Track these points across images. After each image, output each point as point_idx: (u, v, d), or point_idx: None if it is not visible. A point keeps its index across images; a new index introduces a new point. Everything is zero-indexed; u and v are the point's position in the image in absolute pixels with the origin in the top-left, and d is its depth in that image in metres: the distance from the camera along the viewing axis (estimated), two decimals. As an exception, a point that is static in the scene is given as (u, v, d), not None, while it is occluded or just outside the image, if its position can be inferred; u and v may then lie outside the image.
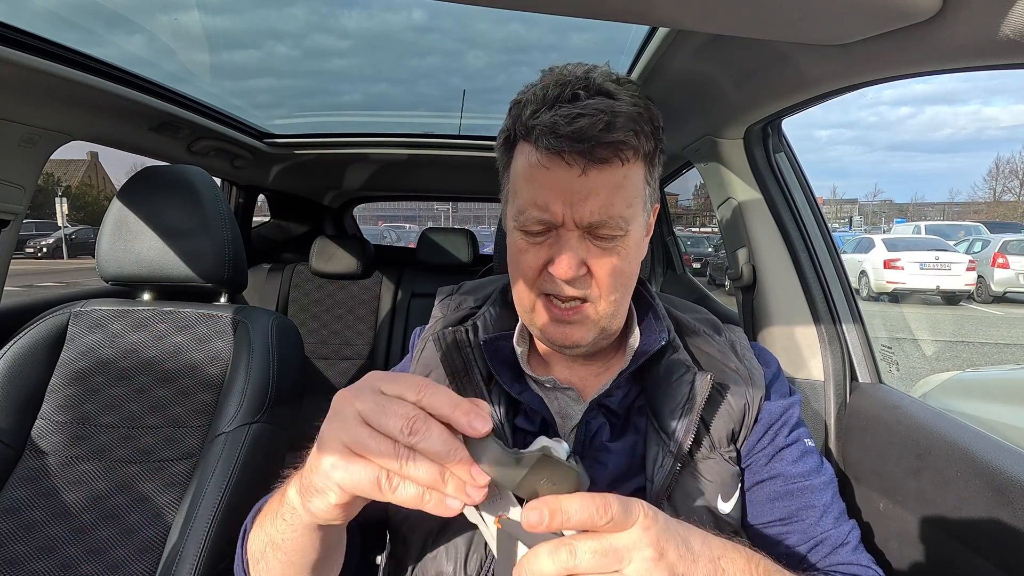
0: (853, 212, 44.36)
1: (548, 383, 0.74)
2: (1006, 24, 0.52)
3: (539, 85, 0.66)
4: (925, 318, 10.09)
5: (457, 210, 38.02)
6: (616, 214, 0.63)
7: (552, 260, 0.65)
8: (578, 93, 0.62)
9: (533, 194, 0.64)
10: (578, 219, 0.63)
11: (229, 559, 1.09)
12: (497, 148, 0.72)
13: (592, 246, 0.65)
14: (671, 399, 0.69)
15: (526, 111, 0.64)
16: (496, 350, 0.74)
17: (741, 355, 0.76)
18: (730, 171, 1.29)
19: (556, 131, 0.60)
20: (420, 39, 1.87)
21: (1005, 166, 44.26)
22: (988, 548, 0.70)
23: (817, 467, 0.73)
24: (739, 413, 0.71)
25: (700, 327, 0.79)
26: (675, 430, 0.67)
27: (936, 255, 11.50)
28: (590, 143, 0.60)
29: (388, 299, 2.67)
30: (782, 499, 0.70)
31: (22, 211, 1.23)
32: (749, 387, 0.72)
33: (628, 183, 0.64)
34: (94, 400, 1.20)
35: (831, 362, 1.10)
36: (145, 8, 1.47)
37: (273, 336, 1.25)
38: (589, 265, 0.66)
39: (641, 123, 0.63)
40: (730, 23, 0.68)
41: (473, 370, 0.72)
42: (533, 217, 0.64)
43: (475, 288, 0.86)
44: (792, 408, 0.75)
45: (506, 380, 0.72)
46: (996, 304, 11.55)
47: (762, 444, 0.72)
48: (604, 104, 0.61)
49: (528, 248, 0.67)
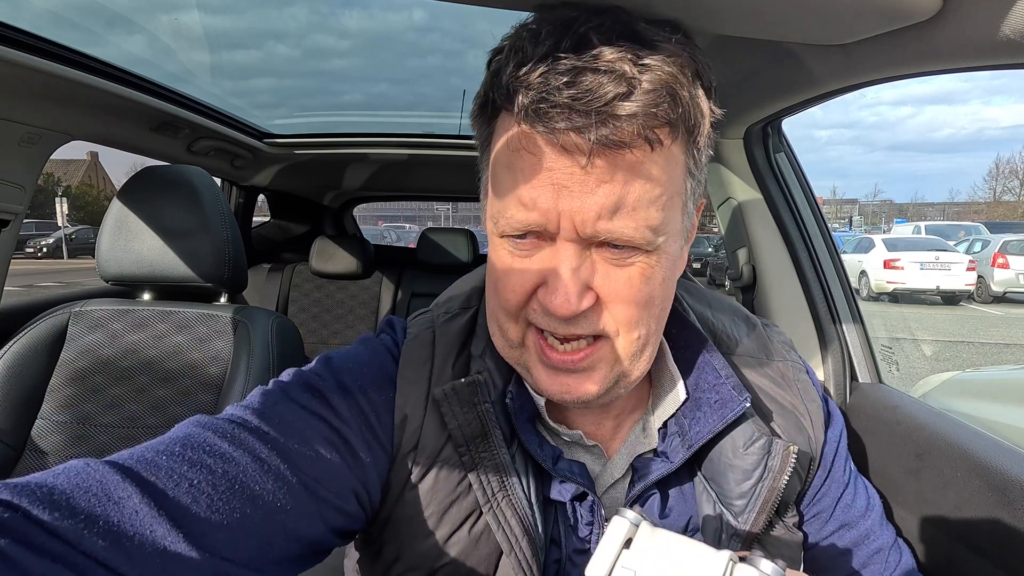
0: (853, 212, 44.40)
1: (570, 437, 0.56)
2: (1006, 24, 0.52)
3: (531, 26, 0.46)
4: (925, 318, 10.09)
5: (457, 210, 38.01)
6: (641, 222, 0.44)
7: (544, 282, 0.46)
8: (587, 36, 0.42)
9: (516, 187, 0.45)
10: (580, 224, 0.43)
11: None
12: (472, 118, 0.52)
13: (602, 263, 0.46)
14: (737, 471, 0.53)
15: (509, 64, 0.44)
16: (521, 406, 0.54)
17: (803, 391, 0.61)
18: (730, 171, 1.29)
19: (547, 97, 0.41)
20: (421, 39, 1.88)
21: (1005, 166, 44.37)
22: (988, 548, 0.70)
23: (868, 501, 0.64)
24: (804, 470, 0.58)
25: (747, 347, 0.62)
26: (745, 508, 0.53)
27: (936, 255, 11.51)
28: (599, 116, 0.40)
29: (388, 299, 2.67)
30: (851, 547, 0.62)
31: (22, 211, 1.23)
32: (811, 434, 0.59)
33: (660, 175, 0.44)
34: (94, 400, 1.20)
35: (831, 362, 1.10)
36: (145, 8, 1.47)
37: (273, 336, 1.25)
38: (598, 292, 0.46)
39: (682, 85, 0.43)
40: (730, 23, 0.68)
41: (494, 435, 0.52)
42: (516, 219, 0.45)
43: (448, 300, 0.65)
44: (841, 439, 0.63)
45: (534, 446, 0.53)
46: (996, 304, 11.56)
47: (821, 493, 0.61)
48: (625, 55, 0.41)
49: (513, 262, 0.47)
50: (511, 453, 0.53)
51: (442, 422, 0.53)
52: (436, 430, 0.53)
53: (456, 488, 0.53)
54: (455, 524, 0.52)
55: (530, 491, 0.53)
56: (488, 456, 0.52)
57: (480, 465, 0.52)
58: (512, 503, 0.51)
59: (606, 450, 0.58)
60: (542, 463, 0.53)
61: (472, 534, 0.52)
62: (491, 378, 0.55)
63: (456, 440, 0.53)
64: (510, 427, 0.54)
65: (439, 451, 0.53)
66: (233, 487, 0.42)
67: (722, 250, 2.24)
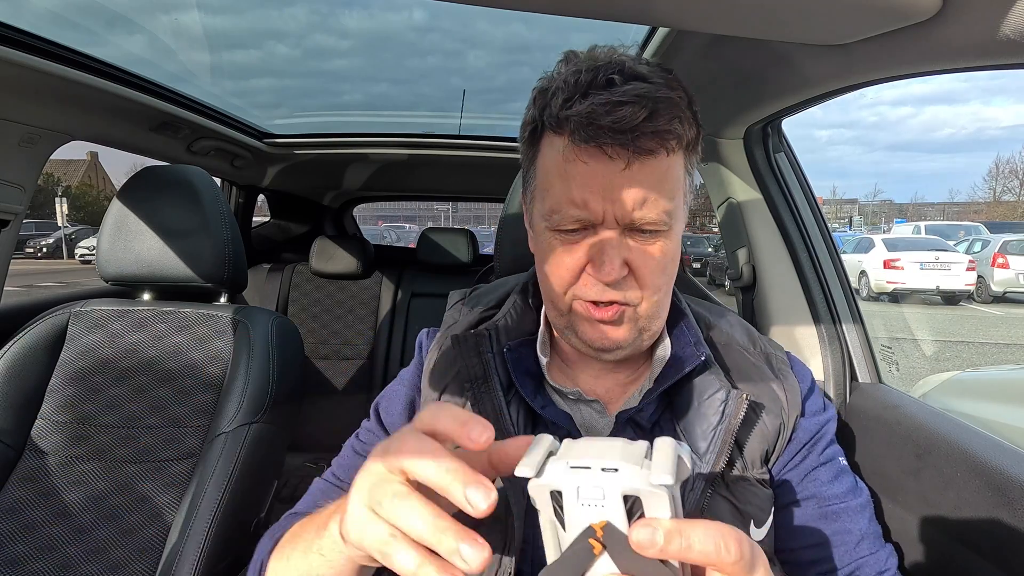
0: (853, 212, 44.37)
1: (573, 395, 0.69)
2: (1006, 24, 0.52)
3: (566, 71, 0.60)
4: (925, 318, 10.09)
5: (457, 210, 38.05)
6: (661, 209, 0.59)
7: (592, 261, 0.61)
8: (612, 78, 0.57)
9: (569, 191, 0.59)
10: (620, 216, 0.59)
11: (229, 559, 1.10)
12: (520, 142, 0.67)
13: (633, 244, 0.61)
14: (702, 418, 0.65)
15: (556, 100, 0.59)
16: (518, 359, 0.70)
17: (777, 369, 0.72)
18: (730, 171, 1.29)
19: (595, 121, 0.55)
20: (421, 39, 1.88)
21: (1005, 166, 44.33)
22: (988, 548, 0.70)
23: (853, 488, 0.70)
24: (773, 433, 0.67)
25: (733, 336, 0.75)
26: (706, 452, 0.63)
27: (936, 255, 11.51)
28: (633, 133, 0.55)
29: (388, 299, 2.67)
30: (817, 522, 0.67)
31: (22, 211, 1.23)
32: (785, 406, 0.68)
33: (671, 174, 0.60)
34: (94, 400, 1.20)
35: (831, 362, 1.10)
36: (145, 8, 1.47)
37: (273, 336, 1.25)
38: (631, 265, 0.61)
39: (682, 108, 0.59)
40: (730, 23, 0.68)
41: (493, 379, 0.67)
42: (570, 216, 0.60)
43: (489, 291, 0.82)
44: (827, 425, 0.71)
45: (528, 392, 0.67)
46: (996, 304, 11.56)
47: (794, 463, 0.69)
48: (643, 90, 0.56)
49: (563, 249, 0.62)
50: (507, 399, 0.67)
51: (453, 362, 0.69)
52: (446, 367, 0.70)
53: None
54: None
55: (519, 431, 0.66)
56: (487, 398, 0.66)
57: (479, 403, 0.66)
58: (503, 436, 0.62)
59: (607, 408, 0.69)
60: (531, 403, 0.66)
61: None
62: (497, 336, 0.70)
63: (462, 376, 0.68)
64: (508, 378, 0.68)
65: (446, 385, 0.69)
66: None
67: (722, 250, 2.24)
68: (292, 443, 1.34)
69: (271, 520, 1.35)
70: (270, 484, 1.28)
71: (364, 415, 0.79)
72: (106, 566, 1.07)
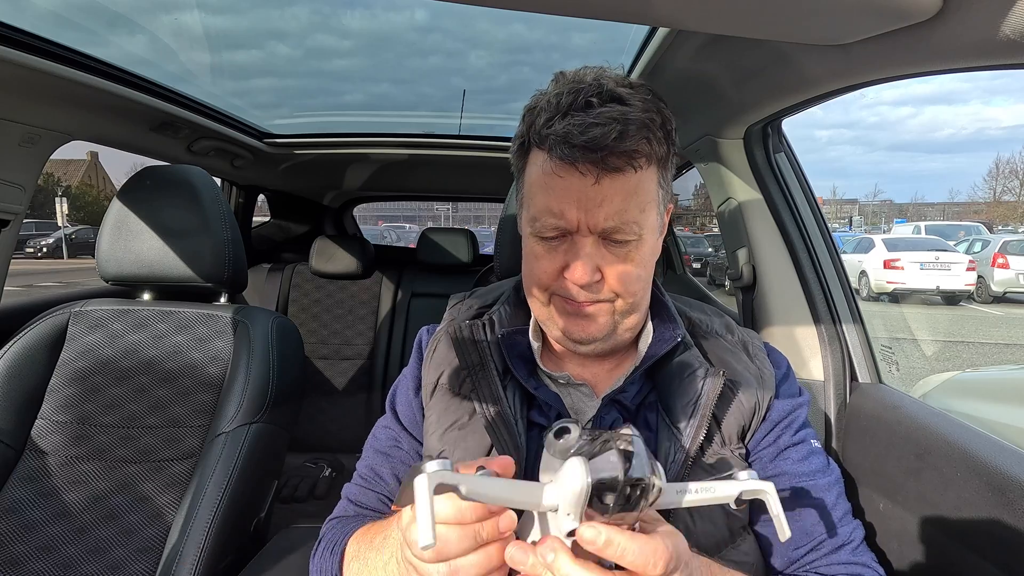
0: (853, 212, 44.38)
1: (562, 379, 0.75)
2: (1006, 24, 0.52)
3: (552, 92, 0.66)
4: (925, 318, 10.09)
5: (457, 210, 38.00)
6: (630, 219, 0.64)
7: (567, 266, 0.67)
8: (591, 100, 0.62)
9: (548, 201, 0.65)
10: (592, 225, 0.64)
11: (229, 559, 1.10)
12: (512, 153, 0.73)
13: (607, 252, 0.66)
14: (682, 396, 0.71)
15: (540, 119, 0.65)
16: (512, 345, 0.76)
17: (753, 355, 0.78)
18: (730, 171, 1.29)
19: (570, 140, 0.61)
20: (422, 39, 1.88)
21: (1005, 166, 44.30)
22: (988, 548, 0.70)
23: (823, 467, 0.74)
24: (749, 411, 0.72)
25: (713, 327, 0.81)
26: (686, 427, 0.69)
27: (936, 255, 11.49)
28: (603, 152, 0.61)
29: (388, 299, 2.67)
30: (786, 498, 0.71)
31: (22, 211, 1.23)
32: (759, 386, 0.74)
33: (641, 188, 0.65)
34: (94, 400, 1.20)
35: (831, 362, 1.10)
36: (146, 8, 1.47)
37: (273, 336, 1.26)
38: (603, 271, 0.67)
39: (653, 129, 0.64)
40: (730, 23, 0.68)
41: (489, 364, 0.74)
42: (549, 224, 0.66)
43: (486, 292, 0.88)
44: (800, 408, 0.77)
45: (522, 375, 0.73)
46: (996, 304, 11.55)
47: (767, 441, 0.74)
48: (617, 112, 0.61)
49: (543, 254, 0.69)
50: (503, 383, 0.73)
51: (452, 351, 0.76)
52: (446, 355, 0.77)
53: (461, 404, 0.74)
54: (452, 422, 0.74)
55: (516, 411, 0.72)
56: (485, 383, 0.72)
57: (478, 388, 0.73)
58: (502, 416, 0.70)
59: (595, 391, 0.74)
60: (525, 384, 0.72)
61: (463, 431, 0.73)
62: (492, 326, 0.77)
63: (460, 363, 0.75)
64: (504, 364, 0.74)
65: (444, 371, 0.77)
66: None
67: (722, 250, 2.25)
68: (292, 443, 1.34)
69: (271, 520, 1.35)
70: (270, 484, 1.28)
71: (364, 415, 0.82)
72: (106, 566, 1.07)
